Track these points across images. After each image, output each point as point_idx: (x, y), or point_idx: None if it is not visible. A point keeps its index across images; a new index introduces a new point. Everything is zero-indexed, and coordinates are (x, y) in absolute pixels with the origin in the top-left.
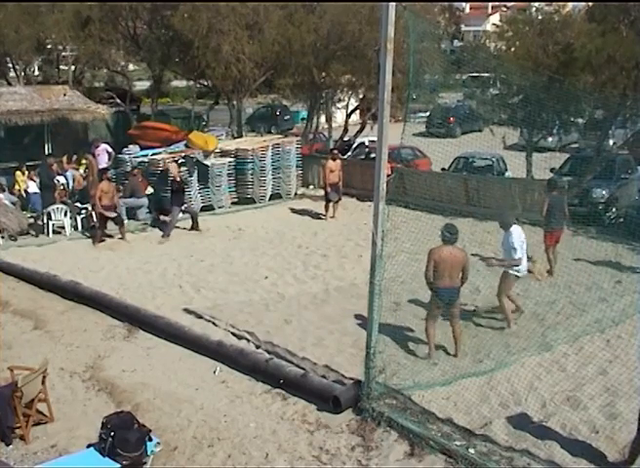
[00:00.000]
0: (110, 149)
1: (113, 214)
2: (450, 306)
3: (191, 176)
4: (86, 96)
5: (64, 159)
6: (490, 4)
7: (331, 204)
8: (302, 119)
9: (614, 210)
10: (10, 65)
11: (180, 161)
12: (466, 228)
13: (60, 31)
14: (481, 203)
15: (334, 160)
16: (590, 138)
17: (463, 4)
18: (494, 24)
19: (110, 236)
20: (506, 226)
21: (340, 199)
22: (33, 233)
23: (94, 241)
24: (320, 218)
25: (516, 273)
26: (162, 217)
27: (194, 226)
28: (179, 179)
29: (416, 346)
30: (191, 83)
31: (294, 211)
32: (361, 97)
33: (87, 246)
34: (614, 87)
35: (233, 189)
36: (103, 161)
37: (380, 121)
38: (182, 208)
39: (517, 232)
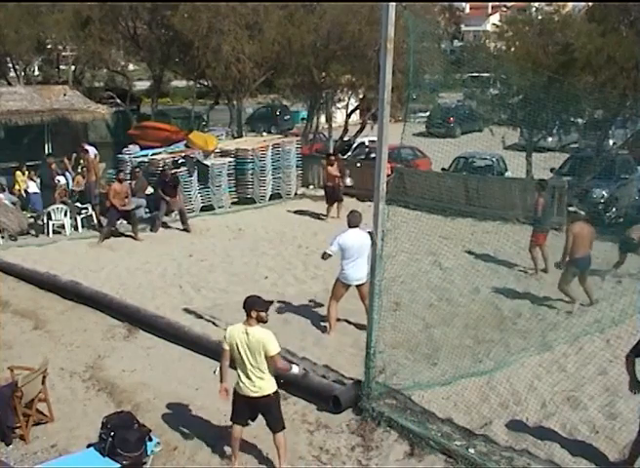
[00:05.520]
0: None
1: (132, 206)
2: (584, 272)
3: (191, 176)
4: (86, 96)
5: (66, 159)
6: (490, 4)
7: (334, 205)
8: (302, 119)
9: (614, 210)
10: (10, 65)
11: (180, 161)
12: (466, 228)
13: (60, 31)
14: (481, 203)
15: (331, 165)
16: (590, 138)
17: (463, 4)
18: (494, 24)
19: (120, 234)
20: (349, 225)
21: (342, 199)
22: (33, 233)
23: (101, 239)
24: (320, 218)
25: (343, 280)
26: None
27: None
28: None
29: (416, 346)
30: (191, 83)
31: (294, 211)
32: (361, 97)
33: (87, 246)
34: (614, 87)
35: (233, 189)
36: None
37: (380, 121)
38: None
39: (351, 234)
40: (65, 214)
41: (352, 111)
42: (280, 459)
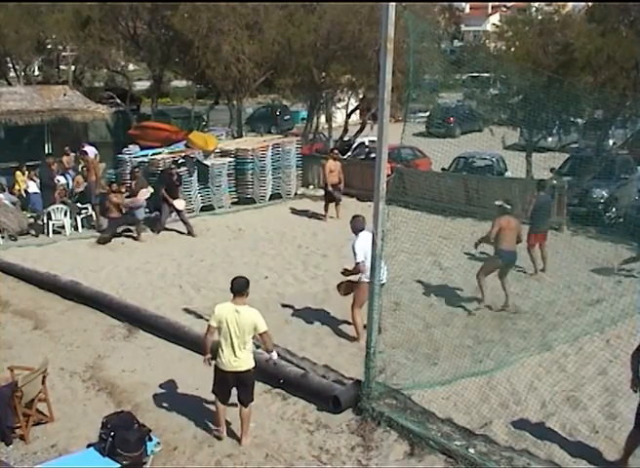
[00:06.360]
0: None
1: (182, 206)
2: (507, 266)
3: (191, 176)
4: (86, 96)
5: (65, 159)
6: (490, 4)
7: (332, 204)
8: (302, 119)
9: (614, 210)
10: (10, 65)
11: (180, 161)
12: (466, 228)
13: (59, 31)
14: (481, 203)
15: (334, 160)
16: (590, 138)
17: (463, 4)
18: (494, 24)
19: (121, 234)
20: (356, 231)
21: (340, 199)
22: (33, 233)
23: (102, 242)
24: (320, 219)
25: (366, 280)
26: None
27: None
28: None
29: (416, 346)
30: (191, 83)
31: (294, 211)
32: (361, 97)
33: (87, 246)
34: (613, 87)
35: (233, 189)
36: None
37: (380, 121)
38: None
39: (363, 238)
40: (65, 214)
41: (352, 111)
42: (243, 431)
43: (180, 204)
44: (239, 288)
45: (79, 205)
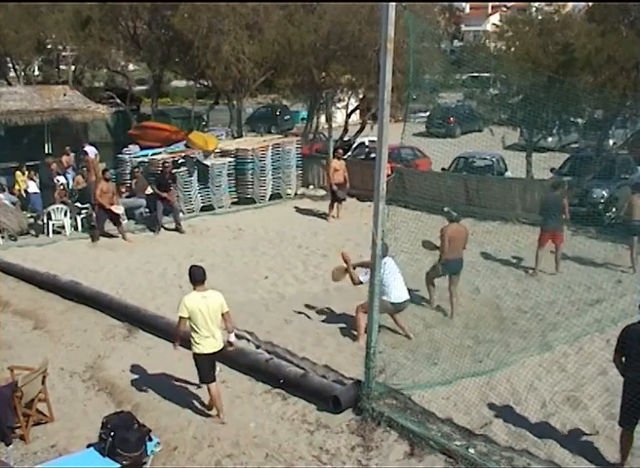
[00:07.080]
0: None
1: (120, 210)
2: (453, 275)
3: (191, 176)
4: (86, 96)
5: (64, 158)
6: (490, 4)
7: (335, 204)
8: (302, 119)
9: (614, 210)
10: (10, 65)
11: (180, 161)
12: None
13: (60, 31)
14: (481, 203)
15: (338, 159)
16: (590, 138)
17: (463, 4)
18: (494, 24)
19: (111, 235)
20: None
21: (344, 199)
22: (33, 233)
23: (92, 239)
24: (321, 218)
25: (385, 298)
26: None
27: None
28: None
29: (416, 346)
30: (191, 83)
31: (294, 211)
32: (361, 97)
33: (87, 246)
34: (614, 87)
35: (233, 189)
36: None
37: (380, 121)
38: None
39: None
40: (65, 214)
41: (352, 111)
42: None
43: (170, 197)
44: (200, 277)
45: (79, 205)
